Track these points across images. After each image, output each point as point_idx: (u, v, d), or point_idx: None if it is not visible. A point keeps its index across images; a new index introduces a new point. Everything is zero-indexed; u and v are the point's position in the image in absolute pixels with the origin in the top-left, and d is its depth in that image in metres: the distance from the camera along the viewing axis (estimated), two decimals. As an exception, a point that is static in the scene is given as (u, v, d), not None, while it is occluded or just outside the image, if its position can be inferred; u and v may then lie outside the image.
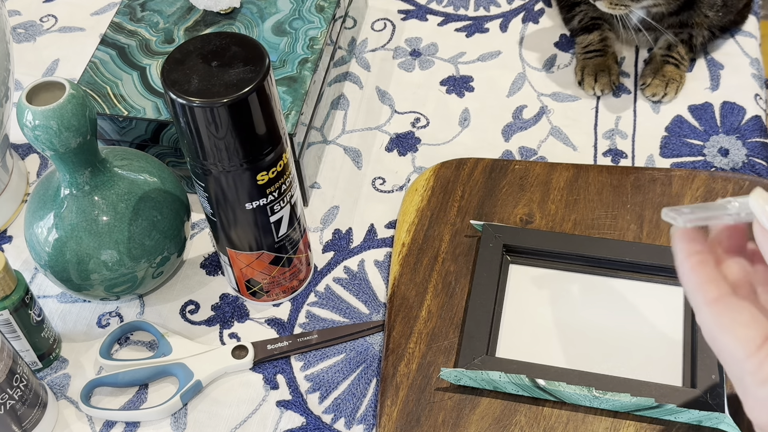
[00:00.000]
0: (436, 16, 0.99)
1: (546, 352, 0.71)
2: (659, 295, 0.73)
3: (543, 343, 0.72)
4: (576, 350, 0.71)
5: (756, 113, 0.88)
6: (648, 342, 0.71)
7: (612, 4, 0.85)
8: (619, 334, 0.72)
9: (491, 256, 0.75)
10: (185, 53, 0.64)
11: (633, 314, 0.73)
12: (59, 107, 0.65)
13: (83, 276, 0.72)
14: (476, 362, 0.69)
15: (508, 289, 0.75)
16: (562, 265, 0.75)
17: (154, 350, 0.75)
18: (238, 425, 0.71)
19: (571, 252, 0.75)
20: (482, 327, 0.71)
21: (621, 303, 0.73)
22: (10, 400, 0.66)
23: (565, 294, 0.74)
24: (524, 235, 0.76)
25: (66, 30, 1.01)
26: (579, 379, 0.68)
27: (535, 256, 0.76)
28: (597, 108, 0.90)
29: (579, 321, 0.73)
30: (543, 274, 0.75)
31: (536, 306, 0.74)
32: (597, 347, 0.71)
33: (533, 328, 0.73)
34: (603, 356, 0.70)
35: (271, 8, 0.87)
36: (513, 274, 0.75)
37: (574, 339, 0.72)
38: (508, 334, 0.72)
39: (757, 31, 0.95)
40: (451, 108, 0.91)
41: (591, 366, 0.69)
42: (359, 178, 0.86)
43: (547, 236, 0.76)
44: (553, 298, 0.74)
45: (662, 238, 0.76)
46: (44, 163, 0.90)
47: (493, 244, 0.75)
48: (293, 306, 0.78)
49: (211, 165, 0.65)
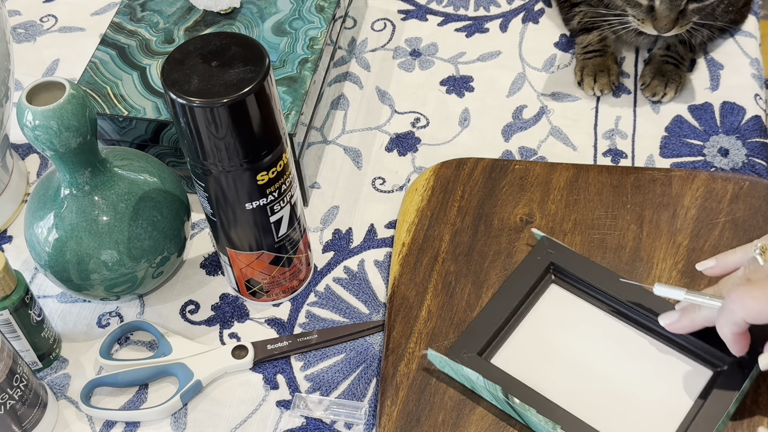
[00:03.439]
0: (436, 16, 0.99)
1: (540, 377, 0.69)
2: (682, 369, 0.69)
3: (543, 368, 0.69)
4: (571, 388, 0.68)
5: (756, 113, 0.88)
6: (647, 407, 0.67)
7: (681, 27, 0.83)
8: (621, 390, 0.68)
9: (535, 268, 0.73)
10: (185, 53, 0.64)
11: (646, 377, 0.69)
12: (59, 107, 0.65)
13: (83, 276, 0.72)
14: (463, 356, 0.69)
15: (538, 305, 0.73)
16: (601, 303, 0.73)
17: (154, 350, 0.75)
18: (238, 425, 0.71)
19: (613, 295, 0.72)
20: (488, 328, 0.70)
21: (640, 362, 0.70)
22: (10, 400, 0.66)
23: (590, 332, 0.71)
24: (574, 261, 0.73)
25: (66, 30, 1.01)
26: (551, 413, 0.65)
27: (580, 285, 0.73)
28: (597, 108, 0.90)
29: (589, 362, 0.70)
30: (579, 304, 0.73)
31: (556, 331, 0.72)
32: (593, 394, 0.68)
33: (542, 350, 0.71)
34: (594, 405, 0.67)
35: (271, 8, 0.87)
36: (550, 293, 0.74)
37: (575, 377, 0.69)
38: (515, 346, 0.71)
39: (757, 31, 0.95)
40: (451, 108, 0.91)
41: (576, 408, 0.66)
42: (359, 178, 0.86)
43: (596, 270, 0.73)
44: (576, 331, 0.72)
45: (662, 238, 0.76)
46: (44, 163, 0.90)
47: (541, 257, 0.74)
48: (293, 306, 0.78)
49: (211, 165, 0.65)
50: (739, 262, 0.67)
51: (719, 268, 0.68)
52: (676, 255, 0.75)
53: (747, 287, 0.61)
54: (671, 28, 0.83)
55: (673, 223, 0.77)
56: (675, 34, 0.85)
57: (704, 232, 0.76)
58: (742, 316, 0.61)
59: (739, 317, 0.61)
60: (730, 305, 0.62)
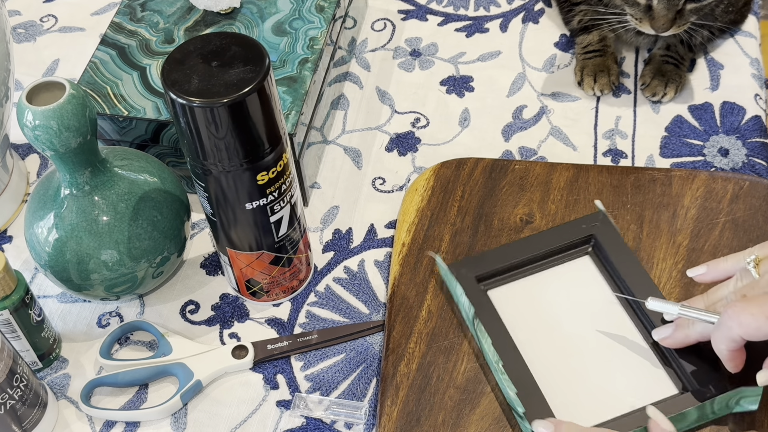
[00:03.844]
0: (436, 16, 0.99)
1: (519, 327, 0.70)
2: (652, 375, 0.69)
3: (527, 322, 0.71)
4: (540, 349, 0.70)
5: (756, 113, 0.88)
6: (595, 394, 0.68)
7: (678, 27, 0.83)
8: (582, 370, 0.69)
9: (575, 233, 0.74)
10: (185, 53, 0.64)
11: (613, 368, 0.69)
12: (59, 107, 0.65)
13: (83, 276, 0.72)
14: (461, 272, 0.72)
15: (561, 267, 0.74)
16: (619, 294, 0.73)
17: (154, 350, 0.76)
18: (238, 425, 0.71)
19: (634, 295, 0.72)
20: (499, 262, 0.73)
21: (618, 355, 0.70)
22: (11, 400, 0.66)
23: (591, 312, 0.72)
24: (616, 247, 0.74)
25: (66, 30, 1.01)
26: (503, 351, 0.67)
27: (610, 270, 0.74)
28: (597, 108, 0.90)
29: (572, 337, 0.71)
30: (598, 285, 0.73)
31: (561, 297, 0.73)
32: (556, 362, 0.69)
33: (538, 308, 0.72)
34: (550, 370, 0.69)
35: (271, 8, 0.87)
36: (578, 263, 0.74)
37: (550, 343, 0.70)
38: (515, 291, 0.73)
39: (757, 31, 0.95)
40: (451, 108, 0.91)
41: (532, 364, 0.68)
42: (359, 178, 0.86)
43: (631, 264, 0.73)
44: (578, 305, 0.72)
45: (662, 238, 0.76)
46: (44, 163, 0.90)
47: (586, 226, 0.75)
48: (293, 306, 0.78)
49: (211, 165, 0.65)
50: (731, 270, 0.66)
51: (710, 275, 0.68)
52: (676, 255, 0.75)
53: (744, 303, 0.60)
54: (669, 27, 0.83)
55: (673, 223, 0.77)
56: (673, 33, 0.85)
57: (704, 232, 0.76)
58: (739, 332, 0.60)
59: (736, 334, 0.61)
60: (727, 322, 0.61)
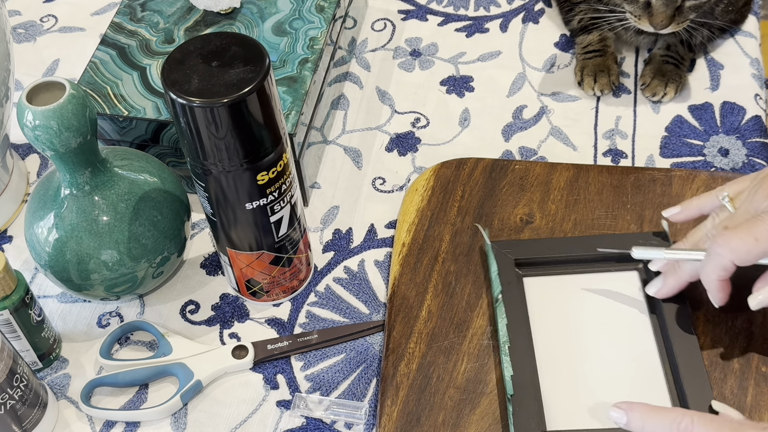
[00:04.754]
0: (436, 16, 0.99)
1: (541, 319, 0.71)
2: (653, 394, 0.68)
3: (552, 316, 0.71)
4: (556, 345, 0.70)
5: (756, 113, 0.88)
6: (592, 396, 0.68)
7: (678, 24, 0.84)
8: (587, 374, 0.69)
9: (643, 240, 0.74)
10: (185, 53, 0.64)
11: (619, 377, 0.69)
12: (59, 107, 0.65)
13: (83, 276, 0.72)
14: (502, 250, 0.73)
15: (605, 274, 0.74)
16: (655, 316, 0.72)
17: (154, 350, 0.76)
18: (238, 425, 0.71)
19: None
20: (546, 252, 0.74)
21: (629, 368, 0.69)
22: (11, 400, 0.66)
23: (620, 325, 0.72)
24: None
25: (66, 30, 1.01)
26: (515, 334, 0.68)
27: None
28: (597, 108, 0.90)
29: (591, 342, 0.70)
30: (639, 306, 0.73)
31: (598, 304, 0.72)
32: (565, 362, 0.69)
33: (567, 307, 0.72)
34: (554, 369, 0.69)
35: (271, 8, 0.87)
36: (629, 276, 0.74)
37: (569, 343, 0.70)
38: (552, 285, 0.73)
39: (757, 31, 0.95)
40: (451, 108, 0.91)
41: (541, 357, 0.69)
42: (359, 178, 0.86)
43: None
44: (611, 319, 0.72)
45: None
46: (44, 163, 0.90)
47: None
48: (293, 306, 0.78)
49: (211, 165, 0.65)
50: (704, 207, 0.69)
51: (684, 213, 0.70)
52: (676, 255, 0.75)
53: (731, 231, 0.62)
54: (668, 24, 0.83)
55: (673, 223, 0.77)
56: (673, 32, 0.85)
57: (704, 232, 0.76)
58: (730, 258, 0.62)
59: (728, 260, 0.62)
60: (717, 249, 0.62)
